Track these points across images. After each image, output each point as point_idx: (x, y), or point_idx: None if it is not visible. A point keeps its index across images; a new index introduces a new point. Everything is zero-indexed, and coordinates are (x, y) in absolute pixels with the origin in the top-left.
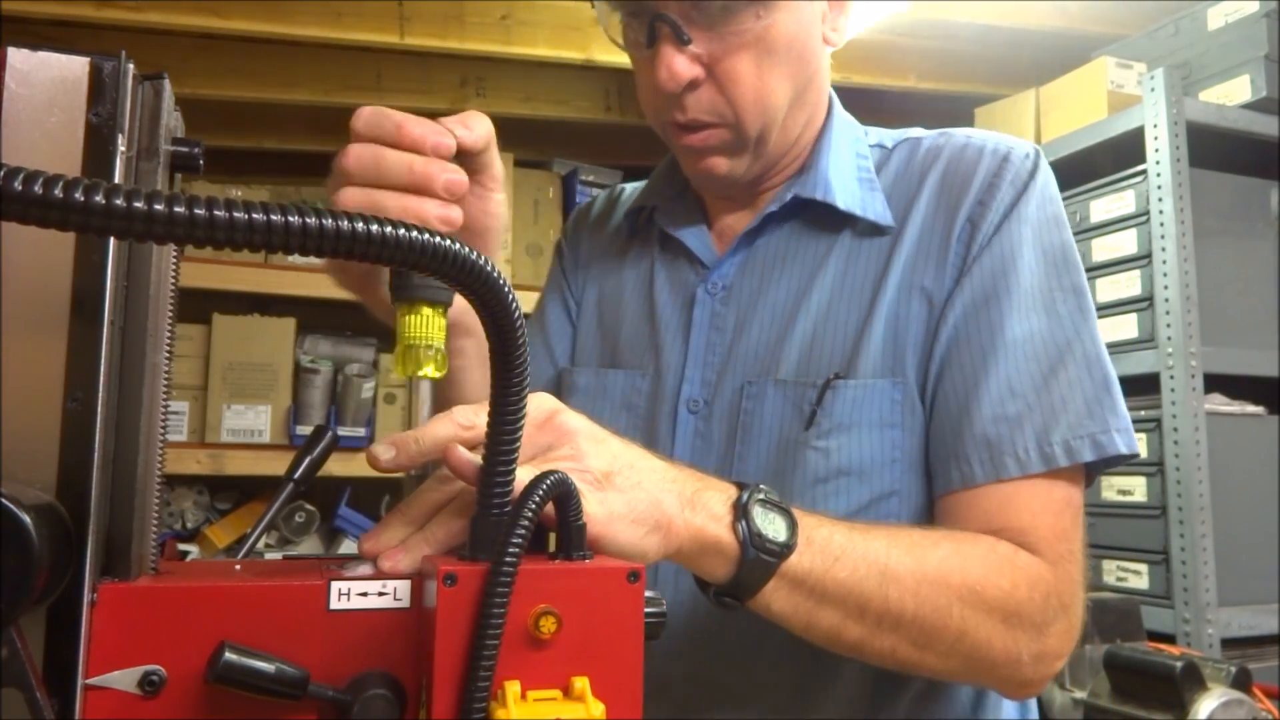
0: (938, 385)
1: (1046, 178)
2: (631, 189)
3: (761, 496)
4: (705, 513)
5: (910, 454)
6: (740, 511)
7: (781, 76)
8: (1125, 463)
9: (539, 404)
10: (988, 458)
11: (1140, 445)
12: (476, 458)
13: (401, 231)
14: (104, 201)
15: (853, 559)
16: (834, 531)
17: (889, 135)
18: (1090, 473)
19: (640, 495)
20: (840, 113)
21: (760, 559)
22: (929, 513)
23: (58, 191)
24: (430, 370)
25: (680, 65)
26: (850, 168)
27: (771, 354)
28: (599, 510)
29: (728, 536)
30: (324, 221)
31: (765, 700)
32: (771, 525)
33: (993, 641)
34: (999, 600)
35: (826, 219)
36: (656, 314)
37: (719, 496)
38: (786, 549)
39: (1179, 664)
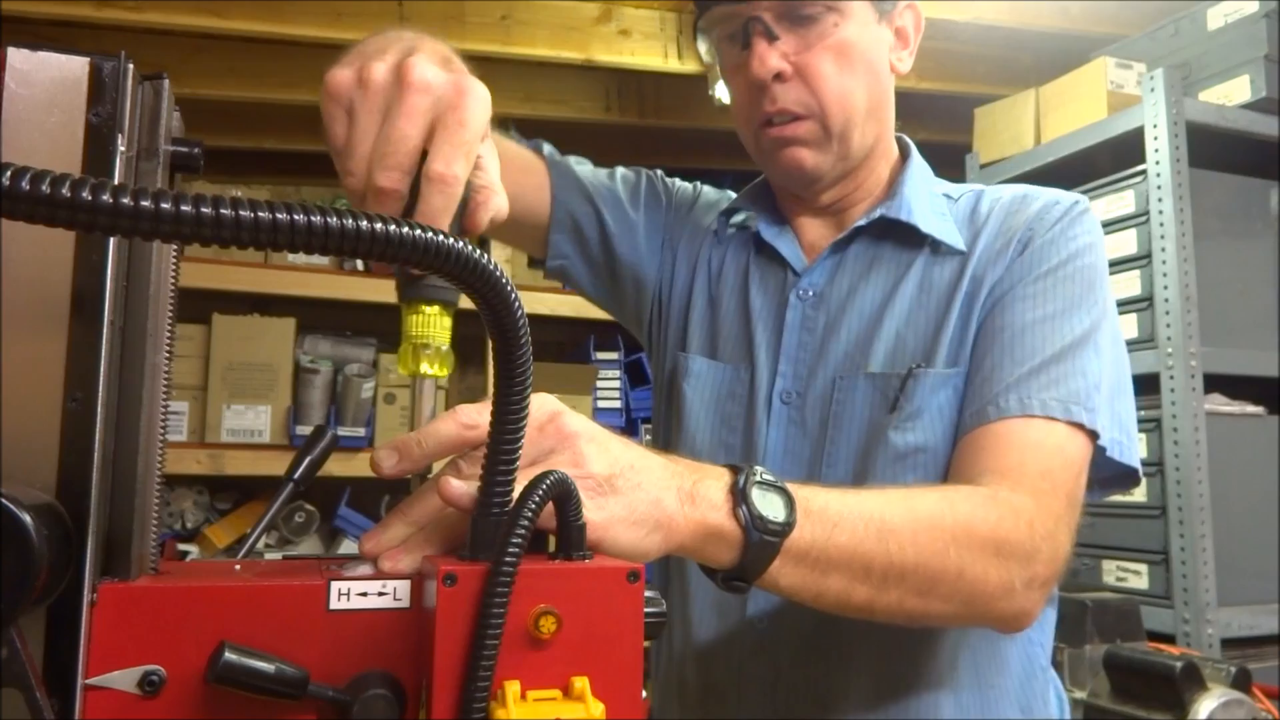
0: (969, 363)
1: (1092, 220)
2: (730, 196)
3: (758, 479)
4: (705, 504)
5: None
6: (739, 496)
7: (857, 82)
8: (1127, 474)
9: (541, 405)
10: (977, 408)
11: (1140, 445)
12: (471, 487)
13: (406, 230)
14: (111, 200)
15: (851, 522)
16: (830, 499)
17: (954, 188)
18: (1105, 482)
19: (640, 496)
20: (917, 158)
21: (764, 540)
22: None
23: (65, 190)
24: (433, 369)
25: (771, 56)
26: (928, 201)
27: (861, 351)
28: (598, 515)
29: (729, 523)
30: (329, 220)
31: (853, 699)
32: (771, 505)
33: (989, 575)
34: (988, 533)
35: (908, 239)
36: (752, 315)
37: (716, 485)
38: (788, 526)
39: (1179, 664)
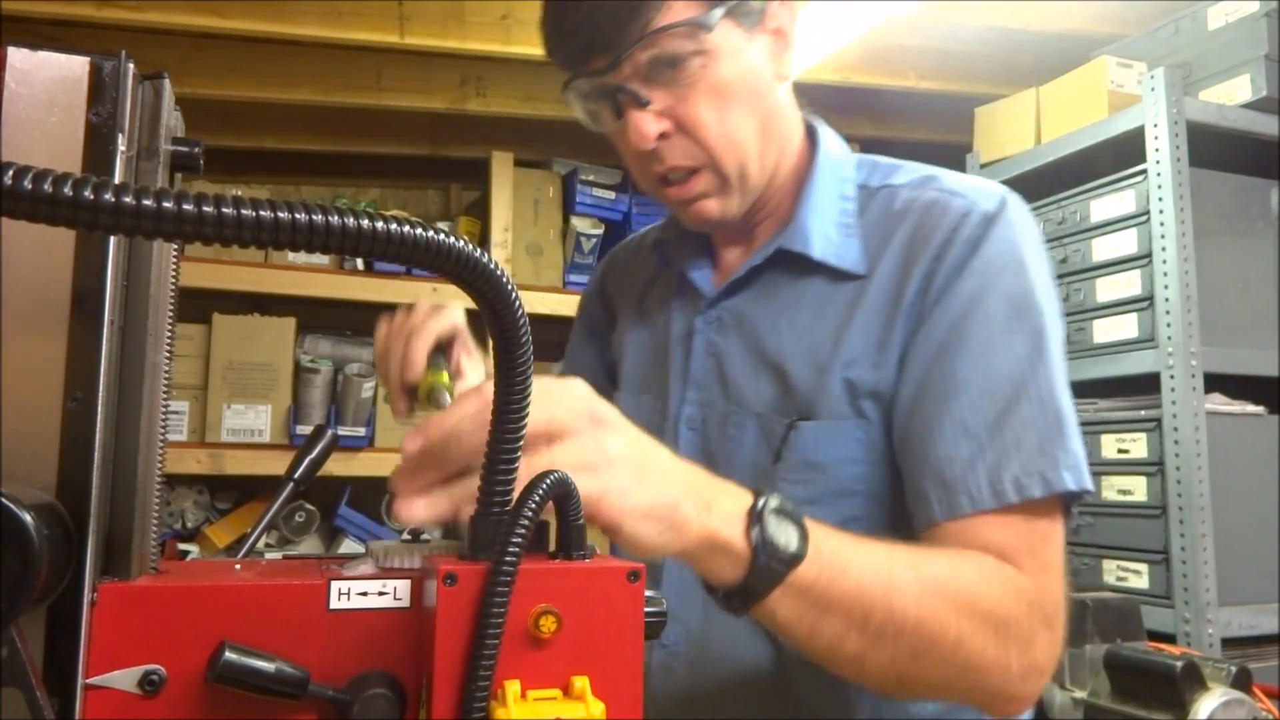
0: (904, 433)
1: (1008, 226)
2: (659, 226)
3: (775, 505)
4: (720, 515)
5: (873, 485)
6: (755, 518)
7: (741, 114)
8: (1084, 498)
9: (574, 390)
10: (944, 496)
11: (1140, 445)
12: (430, 507)
13: (406, 229)
14: (113, 199)
15: (858, 568)
16: (841, 543)
17: (877, 173)
18: (1066, 508)
19: (665, 494)
20: (828, 151)
21: (770, 566)
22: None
23: (67, 190)
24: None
25: (647, 123)
26: (832, 212)
27: (750, 388)
28: (619, 501)
29: (740, 542)
30: (329, 219)
31: None
32: (785, 534)
33: (986, 650)
34: (991, 609)
35: (805, 263)
36: (671, 342)
37: (734, 501)
38: (797, 558)
39: (1179, 664)
